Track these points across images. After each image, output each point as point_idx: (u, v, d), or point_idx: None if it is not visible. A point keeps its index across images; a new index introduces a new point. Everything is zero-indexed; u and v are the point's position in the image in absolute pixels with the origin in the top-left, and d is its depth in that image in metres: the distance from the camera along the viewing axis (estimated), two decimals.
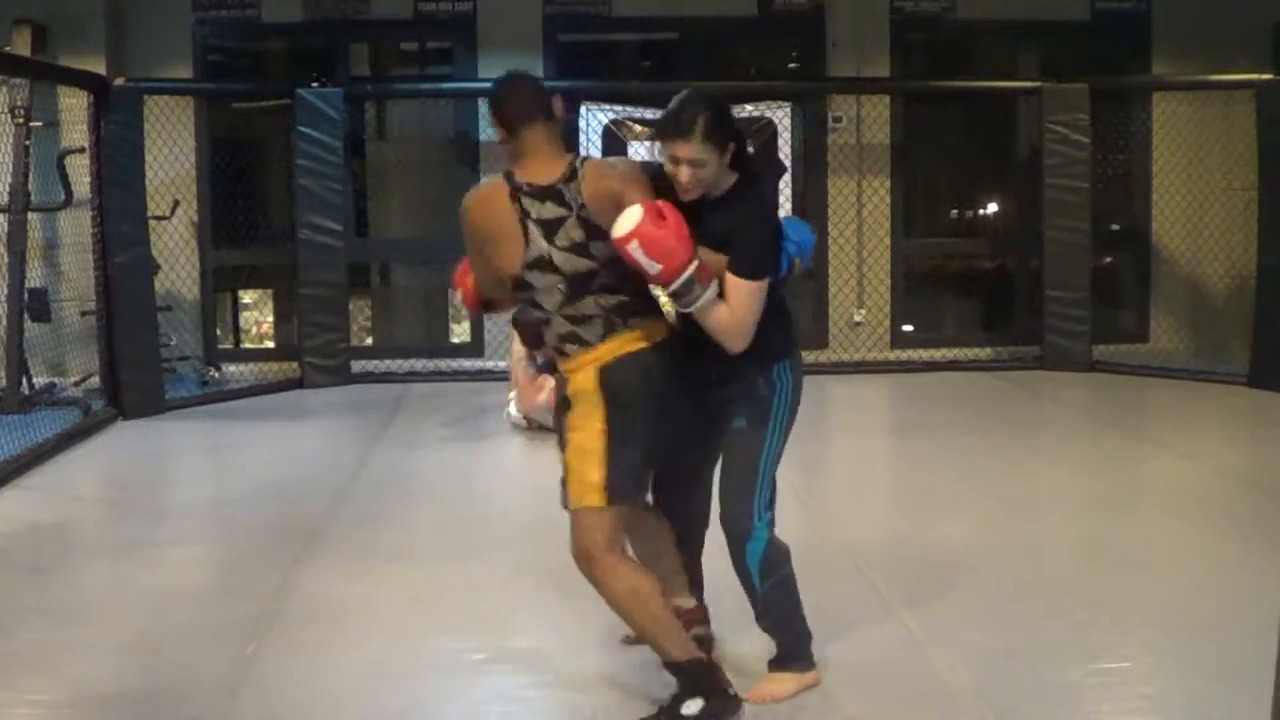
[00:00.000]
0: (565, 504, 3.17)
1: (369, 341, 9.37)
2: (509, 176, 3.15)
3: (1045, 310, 8.74)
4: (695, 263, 2.99)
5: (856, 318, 9.20)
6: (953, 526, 4.90)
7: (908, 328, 9.39)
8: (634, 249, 2.94)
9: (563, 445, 3.19)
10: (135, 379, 7.32)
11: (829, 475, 6.36)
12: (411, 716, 3.25)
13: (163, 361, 7.79)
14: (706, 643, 3.37)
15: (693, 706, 3.06)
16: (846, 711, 3.22)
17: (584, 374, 3.08)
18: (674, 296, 3.04)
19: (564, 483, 3.17)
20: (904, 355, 9.19)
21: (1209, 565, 4.40)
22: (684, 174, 3.05)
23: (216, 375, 8.64)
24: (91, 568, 4.58)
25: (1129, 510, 5.27)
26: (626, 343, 3.08)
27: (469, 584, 4.26)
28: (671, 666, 3.11)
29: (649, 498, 3.37)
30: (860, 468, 6.42)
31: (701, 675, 3.10)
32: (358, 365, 8.60)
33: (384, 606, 4.02)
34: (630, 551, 3.29)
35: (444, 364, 8.87)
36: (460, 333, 9.37)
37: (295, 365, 8.55)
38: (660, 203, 3.00)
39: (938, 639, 3.64)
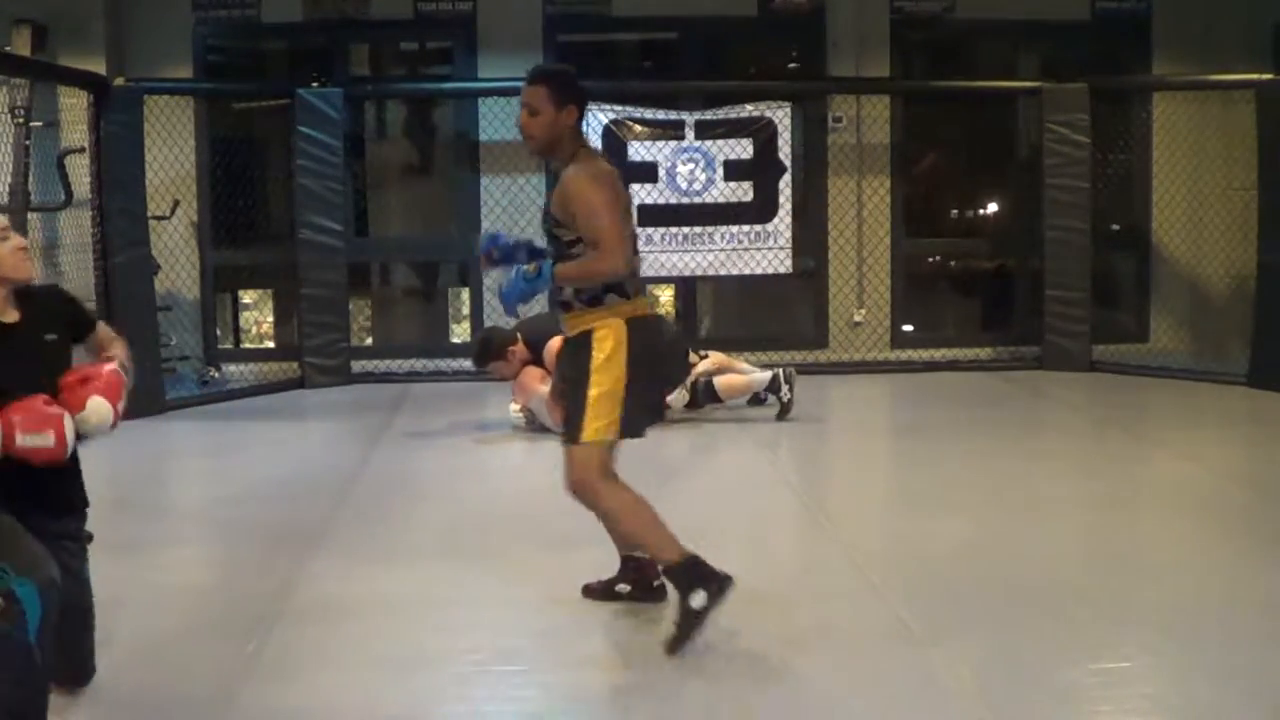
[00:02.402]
0: (573, 438, 3.60)
1: (369, 341, 9.38)
2: (592, 150, 3.80)
3: (1045, 310, 8.75)
4: None
5: (856, 318, 9.20)
6: (953, 526, 4.90)
7: (908, 328, 9.40)
8: None
9: (571, 385, 3.62)
10: (135, 379, 7.29)
11: (829, 475, 6.36)
12: (411, 716, 3.25)
13: (163, 361, 7.79)
14: (662, 592, 3.85)
15: (698, 599, 3.49)
16: (846, 711, 3.22)
17: (614, 325, 3.59)
18: None
19: (572, 419, 3.59)
20: (904, 355, 9.20)
21: (1209, 565, 4.40)
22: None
23: (216, 375, 8.64)
24: (92, 568, 4.57)
25: (1129, 510, 5.27)
26: (643, 305, 3.69)
27: (469, 584, 4.26)
28: (668, 569, 3.59)
29: None
30: (860, 468, 6.42)
31: (695, 569, 3.53)
32: (358, 365, 8.61)
33: (384, 606, 4.02)
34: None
35: (444, 364, 8.87)
36: (460, 333, 9.37)
37: (295, 365, 8.56)
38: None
39: (938, 639, 3.64)
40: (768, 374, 7.11)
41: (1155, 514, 5.27)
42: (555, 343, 6.59)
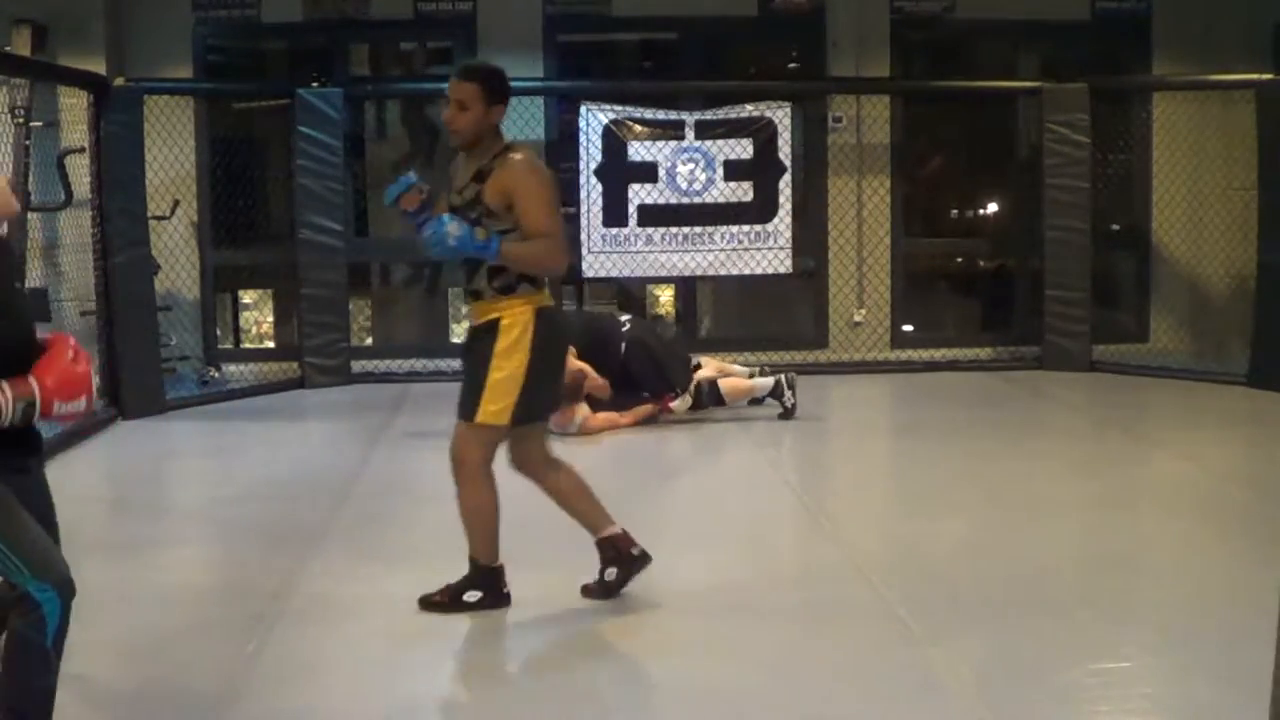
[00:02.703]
0: (467, 417, 3.77)
1: (369, 341, 9.37)
2: (521, 145, 3.89)
3: (1045, 310, 8.74)
4: None
5: (856, 318, 9.20)
6: (953, 526, 4.90)
7: (908, 328, 9.39)
8: None
9: (473, 367, 3.79)
10: (135, 379, 7.32)
11: (829, 475, 6.37)
12: (411, 716, 3.25)
13: (163, 361, 7.79)
14: (644, 558, 4.02)
15: (472, 596, 3.89)
16: (846, 711, 3.22)
17: (522, 312, 3.74)
18: None
19: (469, 398, 3.77)
20: (904, 355, 9.19)
21: (1209, 565, 4.40)
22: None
23: (216, 375, 8.63)
24: (91, 567, 4.55)
25: (1129, 510, 5.27)
26: (549, 296, 3.85)
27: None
28: (475, 564, 3.88)
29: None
30: (860, 468, 6.42)
31: (490, 577, 3.89)
32: (358, 365, 8.60)
33: (384, 606, 4.02)
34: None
35: (444, 364, 8.84)
36: (460, 333, 9.36)
37: (295, 365, 8.55)
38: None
39: (938, 639, 3.64)
40: (770, 380, 7.12)
41: (1155, 514, 5.28)
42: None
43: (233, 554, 4.69)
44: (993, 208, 9.93)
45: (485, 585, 3.89)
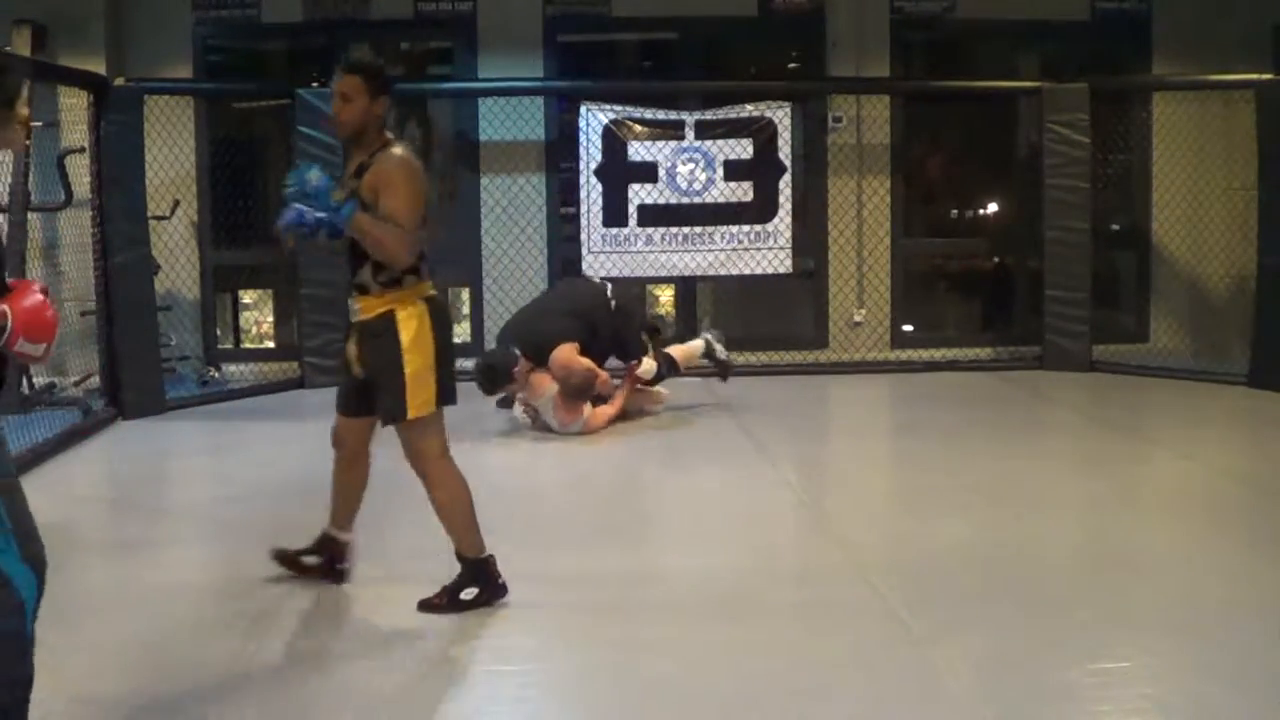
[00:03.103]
0: (399, 417, 3.86)
1: None
2: (402, 141, 3.96)
3: (1045, 310, 8.75)
4: None
5: (856, 318, 9.20)
6: (953, 526, 4.90)
7: (908, 328, 9.40)
8: None
9: (385, 368, 3.83)
10: (135, 379, 7.32)
11: (829, 475, 6.37)
12: (412, 716, 3.25)
13: (163, 361, 7.79)
14: (346, 576, 4.17)
15: (469, 594, 3.91)
16: (845, 711, 3.22)
17: (414, 305, 3.84)
18: None
19: (393, 400, 3.84)
20: (904, 355, 9.20)
21: (1209, 565, 4.40)
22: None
23: (216, 375, 8.64)
24: (92, 567, 4.58)
25: (1129, 510, 5.27)
26: (431, 285, 3.92)
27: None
28: (463, 558, 3.92)
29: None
30: (860, 468, 6.42)
31: (483, 570, 3.92)
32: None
33: (384, 606, 4.02)
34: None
35: None
36: (460, 333, 9.37)
37: (295, 365, 8.55)
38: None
39: (938, 639, 3.64)
40: (699, 341, 7.35)
41: (1155, 514, 5.27)
42: (563, 351, 6.65)
43: (233, 554, 4.68)
44: (993, 208, 9.93)
45: (479, 580, 3.93)
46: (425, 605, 3.91)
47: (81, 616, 3.94)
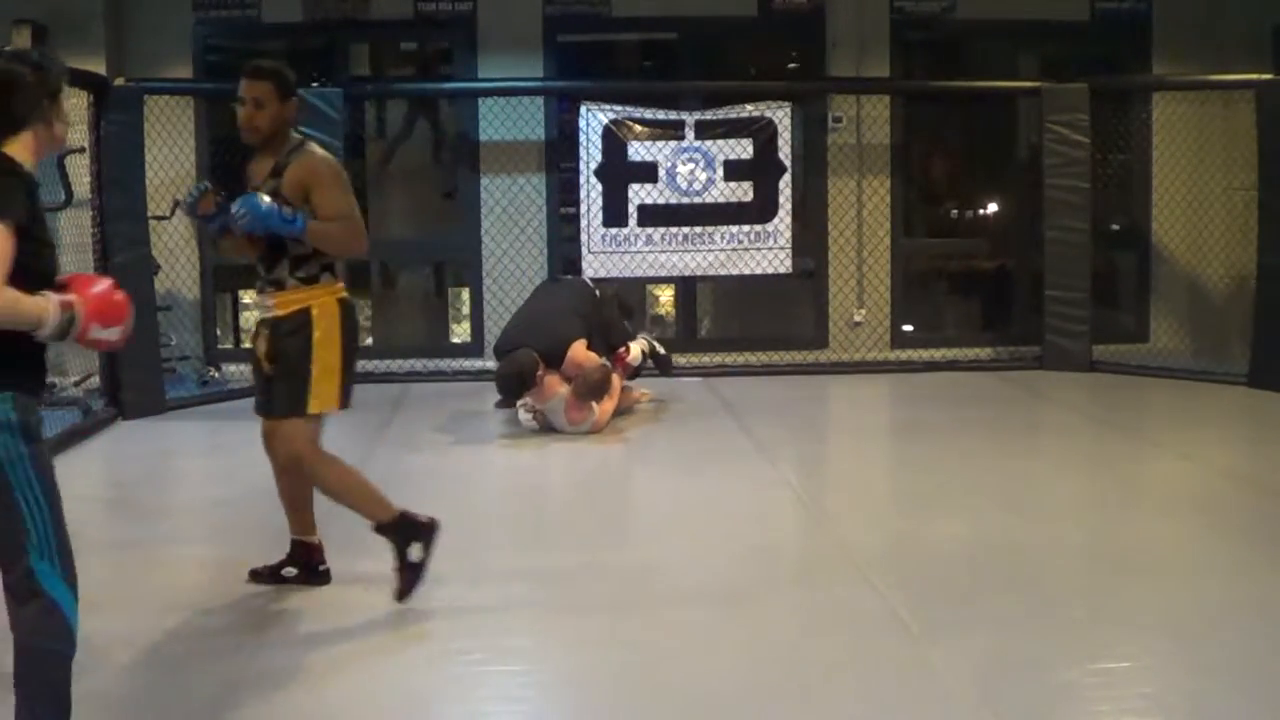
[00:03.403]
0: (297, 411, 3.87)
1: (369, 341, 9.37)
2: (313, 140, 4.04)
3: (1045, 310, 8.74)
4: None
5: (856, 318, 9.20)
6: (953, 526, 4.90)
7: (908, 328, 9.39)
8: None
9: (293, 362, 3.86)
10: (135, 379, 7.32)
11: (829, 475, 6.37)
12: (412, 716, 3.25)
13: (163, 361, 7.79)
14: (326, 576, 4.19)
15: (415, 551, 3.90)
16: (845, 710, 3.22)
17: (328, 303, 3.91)
18: None
19: (296, 393, 3.86)
20: (904, 355, 9.19)
21: (1209, 565, 4.41)
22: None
23: (216, 375, 8.63)
24: (92, 567, 4.56)
25: (1129, 510, 5.27)
26: (343, 288, 4.01)
27: (469, 584, 4.26)
28: (382, 528, 3.91)
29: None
30: (860, 468, 6.42)
31: (406, 525, 3.91)
32: (358, 365, 8.58)
33: (384, 606, 4.02)
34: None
35: (444, 364, 8.87)
36: (460, 333, 9.38)
37: None
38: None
39: (937, 639, 3.64)
40: (640, 343, 7.40)
41: (1155, 514, 5.27)
42: (578, 350, 6.65)
43: (232, 554, 4.68)
44: (993, 208, 9.93)
45: (409, 533, 3.92)
46: (400, 593, 3.92)
47: (81, 616, 3.93)
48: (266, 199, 3.84)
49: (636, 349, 7.24)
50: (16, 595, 2.58)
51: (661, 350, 7.61)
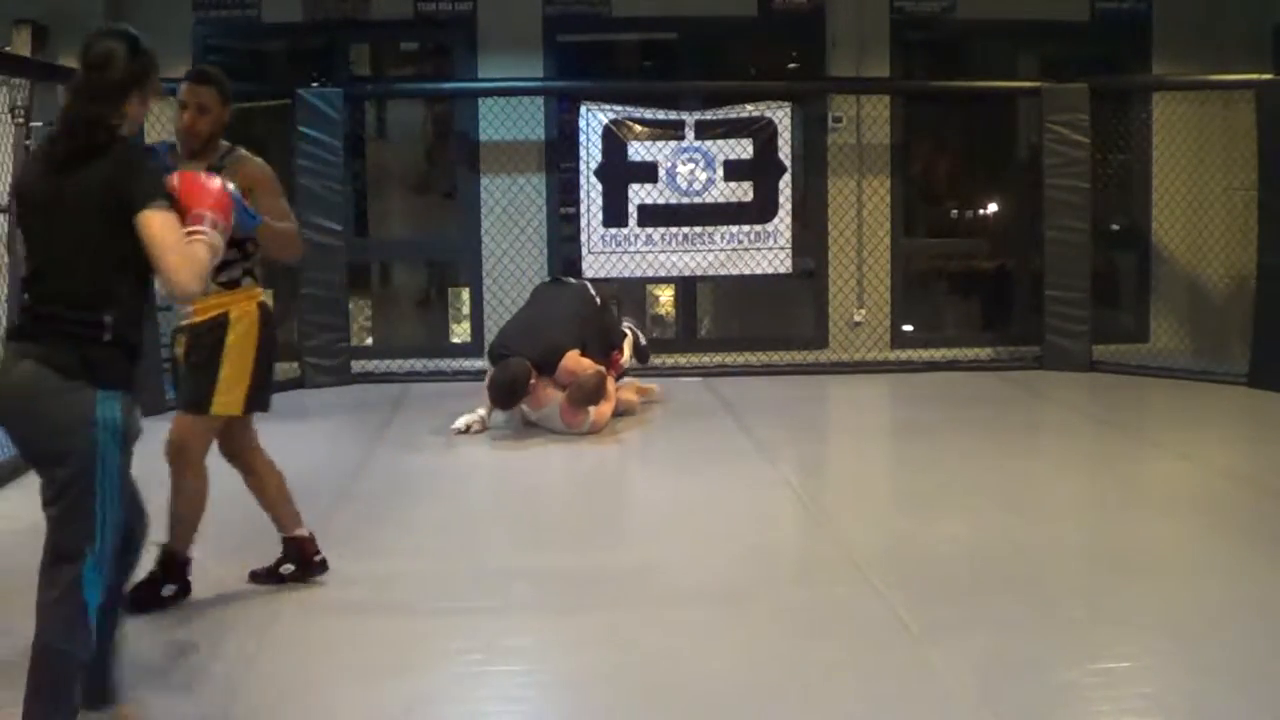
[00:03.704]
0: (199, 409, 3.95)
1: (369, 341, 9.37)
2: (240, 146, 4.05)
3: (1045, 310, 8.74)
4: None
5: (856, 318, 9.20)
6: (953, 526, 4.90)
7: (908, 328, 9.39)
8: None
9: (203, 360, 3.93)
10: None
11: (829, 475, 6.37)
12: (412, 716, 3.25)
13: (163, 361, 7.78)
14: (323, 566, 4.22)
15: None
16: (844, 710, 3.22)
17: (247, 307, 3.96)
18: None
19: (201, 390, 3.93)
20: (904, 355, 9.19)
21: (1209, 565, 4.41)
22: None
23: None
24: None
25: (1129, 510, 5.27)
26: (263, 292, 4.08)
27: (469, 584, 4.26)
28: (167, 552, 4.00)
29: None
30: (860, 468, 6.42)
31: (177, 566, 4.00)
32: (358, 365, 8.60)
33: (384, 606, 4.02)
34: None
35: (444, 364, 8.87)
36: (460, 333, 9.37)
37: (295, 365, 8.54)
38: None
39: (938, 639, 3.64)
40: (628, 336, 7.45)
41: (1155, 514, 5.27)
42: (571, 359, 6.65)
43: (231, 554, 4.68)
44: (993, 208, 9.93)
45: (176, 577, 4.02)
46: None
47: None
48: (232, 186, 3.79)
49: (628, 349, 7.26)
50: (57, 588, 2.61)
51: (643, 341, 7.67)
